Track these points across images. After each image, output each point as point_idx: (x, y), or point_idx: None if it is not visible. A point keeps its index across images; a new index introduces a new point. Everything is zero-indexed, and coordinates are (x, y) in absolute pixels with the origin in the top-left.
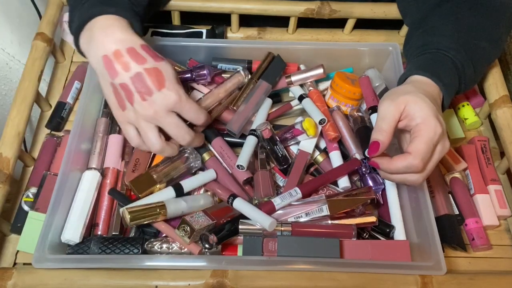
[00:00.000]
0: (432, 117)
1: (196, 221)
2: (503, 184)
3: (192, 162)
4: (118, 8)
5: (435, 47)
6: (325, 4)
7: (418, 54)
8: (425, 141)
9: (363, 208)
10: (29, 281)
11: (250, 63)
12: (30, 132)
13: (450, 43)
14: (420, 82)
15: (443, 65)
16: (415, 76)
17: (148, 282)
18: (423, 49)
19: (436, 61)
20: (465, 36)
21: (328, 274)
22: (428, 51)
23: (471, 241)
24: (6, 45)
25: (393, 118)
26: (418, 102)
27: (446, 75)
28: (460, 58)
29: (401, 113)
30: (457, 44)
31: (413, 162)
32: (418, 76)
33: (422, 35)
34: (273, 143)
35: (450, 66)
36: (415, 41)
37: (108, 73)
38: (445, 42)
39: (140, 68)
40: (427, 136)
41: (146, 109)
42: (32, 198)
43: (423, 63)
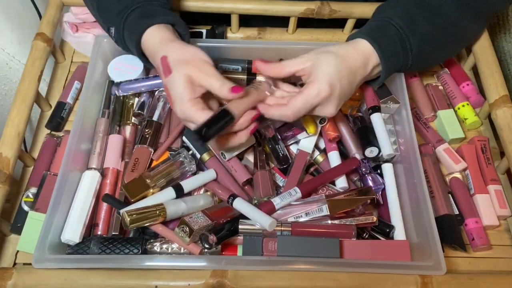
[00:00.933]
0: (325, 81)
1: (195, 222)
2: (503, 184)
3: (187, 166)
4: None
5: (384, 15)
6: (325, 4)
7: (370, 20)
8: (303, 99)
9: (363, 208)
10: (29, 281)
11: (250, 63)
12: (30, 132)
13: (398, 13)
14: (353, 45)
15: (384, 30)
16: (356, 39)
17: (148, 282)
18: (375, 17)
19: (378, 27)
20: (420, 11)
21: (328, 274)
22: (377, 18)
23: (471, 241)
24: (6, 45)
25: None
26: (322, 64)
27: (385, 40)
28: (403, 26)
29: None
30: (405, 14)
31: (285, 112)
32: (357, 39)
33: (385, 5)
34: (275, 142)
35: (392, 33)
36: (377, 9)
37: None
38: (395, 12)
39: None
40: (307, 95)
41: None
42: (32, 198)
43: (367, 27)
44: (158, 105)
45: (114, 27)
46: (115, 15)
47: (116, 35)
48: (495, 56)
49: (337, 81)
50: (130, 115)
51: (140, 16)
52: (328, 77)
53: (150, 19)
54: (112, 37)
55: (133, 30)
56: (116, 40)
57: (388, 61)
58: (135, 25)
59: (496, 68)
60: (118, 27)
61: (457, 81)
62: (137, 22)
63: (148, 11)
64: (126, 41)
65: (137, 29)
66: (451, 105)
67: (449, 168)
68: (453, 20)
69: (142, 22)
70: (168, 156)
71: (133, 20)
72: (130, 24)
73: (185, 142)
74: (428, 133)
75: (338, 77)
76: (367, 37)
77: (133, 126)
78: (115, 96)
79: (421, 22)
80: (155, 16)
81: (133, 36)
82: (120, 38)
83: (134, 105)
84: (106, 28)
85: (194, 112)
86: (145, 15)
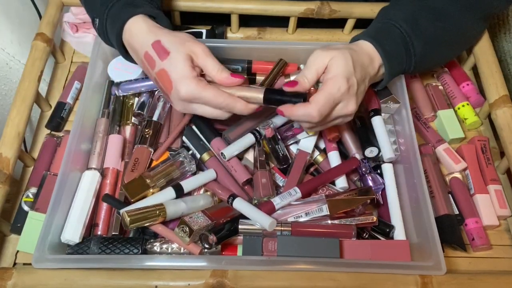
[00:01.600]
0: (342, 76)
1: (195, 222)
2: (503, 184)
3: (186, 166)
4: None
5: (389, 18)
6: (325, 4)
7: (374, 23)
8: (326, 95)
9: (363, 208)
10: (29, 281)
11: (250, 63)
12: (30, 132)
13: (403, 16)
14: (358, 46)
15: (388, 33)
16: (359, 41)
17: (148, 282)
18: (380, 19)
19: (382, 29)
20: (424, 14)
21: (328, 274)
22: (381, 21)
23: (471, 241)
24: (6, 45)
25: (317, 68)
26: (340, 60)
27: (389, 42)
28: (408, 29)
29: (324, 65)
30: (409, 17)
31: (311, 112)
32: (361, 41)
33: (390, 7)
34: (275, 142)
35: (396, 36)
36: (382, 11)
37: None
38: (399, 15)
39: (153, 73)
40: (329, 91)
41: (174, 104)
42: (32, 198)
43: (371, 29)
44: (158, 105)
45: (98, 18)
46: (99, 4)
47: (99, 26)
48: (495, 56)
49: (353, 76)
50: (130, 115)
51: (125, 5)
52: (346, 72)
53: (135, 8)
54: (96, 28)
55: (117, 19)
56: (99, 31)
57: (391, 64)
58: (119, 14)
59: (496, 68)
60: (102, 17)
61: (457, 81)
62: (122, 10)
63: (133, 1)
64: (108, 32)
65: (121, 17)
66: (451, 105)
67: (449, 168)
68: (457, 22)
69: (127, 10)
70: (168, 156)
71: (118, 10)
72: (114, 14)
73: (185, 142)
74: (428, 133)
75: (354, 73)
76: (370, 39)
77: (133, 126)
78: (115, 96)
79: (425, 25)
80: (140, 7)
81: (115, 25)
82: (103, 29)
83: (134, 105)
84: (91, 20)
85: (202, 89)
86: (130, 4)
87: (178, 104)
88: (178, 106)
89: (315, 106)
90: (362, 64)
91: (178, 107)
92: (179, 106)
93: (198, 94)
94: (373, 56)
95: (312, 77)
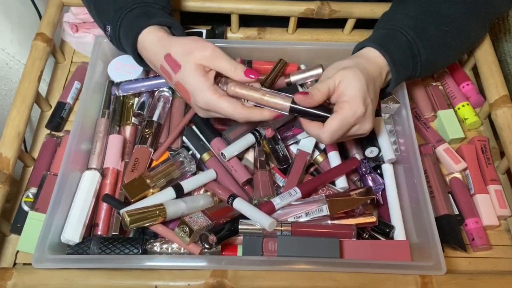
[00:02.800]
0: (358, 98)
1: (195, 222)
2: (503, 184)
3: (187, 166)
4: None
5: (394, 24)
6: (325, 4)
7: (379, 28)
8: (341, 119)
9: (363, 208)
10: (29, 281)
11: (250, 64)
12: (30, 132)
13: (409, 22)
14: (365, 56)
15: (394, 40)
16: (365, 49)
17: (148, 282)
18: (385, 24)
19: (389, 36)
20: (429, 19)
21: (328, 274)
22: (386, 27)
23: (471, 241)
24: (6, 45)
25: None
26: (352, 81)
27: (396, 50)
28: (414, 37)
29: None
30: (415, 24)
31: (321, 135)
32: (367, 48)
33: (393, 12)
34: (275, 142)
35: (403, 43)
36: (385, 15)
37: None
38: (405, 21)
39: (172, 84)
40: (344, 116)
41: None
42: (32, 198)
43: (377, 36)
44: (158, 105)
45: (110, 25)
46: (113, 12)
47: (111, 33)
48: (495, 56)
49: (367, 97)
50: (130, 115)
51: (138, 16)
52: (361, 94)
53: (147, 19)
54: (108, 35)
55: (130, 29)
56: (111, 38)
57: (399, 72)
58: (132, 24)
59: (496, 68)
60: (115, 25)
61: (457, 81)
62: (135, 21)
63: (146, 11)
64: (121, 40)
65: (134, 29)
66: (451, 105)
67: (449, 168)
68: (461, 27)
69: (139, 21)
70: (168, 156)
71: (130, 19)
72: (127, 23)
73: (185, 142)
74: (428, 133)
75: (368, 92)
76: (377, 46)
77: (133, 126)
78: (115, 96)
79: (430, 31)
80: (153, 17)
81: (129, 35)
82: (116, 37)
83: (134, 105)
84: (102, 26)
85: (216, 101)
86: (143, 15)
87: (199, 111)
88: (200, 113)
89: (327, 131)
90: (374, 79)
91: (200, 114)
92: (201, 113)
93: (214, 105)
94: (382, 66)
95: (325, 91)
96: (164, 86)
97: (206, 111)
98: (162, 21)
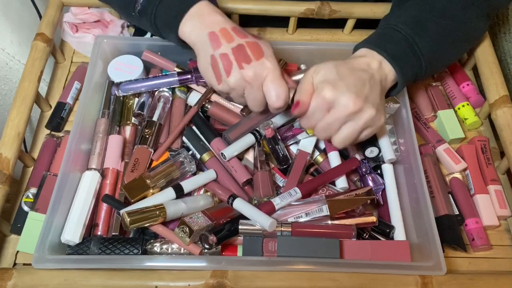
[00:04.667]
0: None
1: (195, 222)
2: (503, 184)
3: (187, 166)
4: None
5: (387, 23)
6: (325, 4)
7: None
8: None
9: (363, 208)
10: (29, 282)
11: None
12: (30, 132)
13: (404, 19)
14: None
15: (389, 37)
16: (358, 50)
17: (148, 283)
18: (381, 25)
19: (383, 34)
20: (426, 15)
21: (328, 274)
22: (382, 26)
23: (471, 241)
24: (6, 45)
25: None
26: (319, 69)
27: (392, 46)
28: (409, 31)
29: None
30: (410, 20)
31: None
32: (362, 49)
33: (390, 14)
34: (275, 142)
35: (398, 39)
36: (383, 18)
37: (211, 44)
38: (399, 19)
39: (242, 41)
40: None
41: (244, 74)
42: (32, 198)
43: (372, 37)
44: (158, 105)
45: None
46: None
47: (144, 7)
48: (495, 56)
49: (339, 81)
50: (130, 115)
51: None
52: (327, 78)
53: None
54: (138, 4)
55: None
56: (144, 7)
57: (401, 67)
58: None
59: (496, 68)
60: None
61: (457, 81)
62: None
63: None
64: (159, 9)
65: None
66: (451, 105)
67: (449, 168)
68: (460, 19)
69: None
70: (168, 157)
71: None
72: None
73: (185, 142)
74: (428, 133)
75: (340, 78)
76: (371, 46)
77: (133, 126)
78: (115, 96)
79: (427, 25)
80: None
81: (181, 3)
82: (154, 5)
83: (134, 105)
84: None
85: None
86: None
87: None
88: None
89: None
90: (352, 68)
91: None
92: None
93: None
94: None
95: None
96: (164, 86)
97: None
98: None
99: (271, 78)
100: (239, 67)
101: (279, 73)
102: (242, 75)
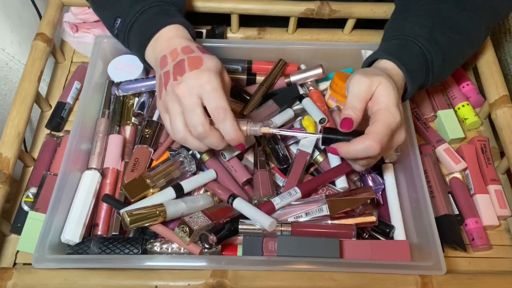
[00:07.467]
0: (395, 106)
1: (195, 222)
2: (503, 184)
3: (186, 166)
4: (174, 18)
5: (406, 33)
6: (325, 4)
7: (390, 38)
8: (385, 125)
9: (363, 208)
10: (29, 281)
11: (250, 64)
12: (30, 132)
13: (421, 32)
14: (383, 68)
15: (409, 51)
16: (380, 61)
17: (148, 282)
18: (395, 34)
19: (403, 46)
20: (439, 28)
21: (328, 274)
22: (398, 36)
23: (471, 241)
24: (6, 45)
25: (365, 96)
26: (388, 88)
27: (411, 61)
28: (429, 47)
29: (372, 93)
30: (428, 34)
31: (372, 143)
32: (382, 60)
33: (401, 20)
34: (275, 142)
35: (417, 54)
36: (393, 24)
37: (160, 65)
38: (416, 31)
39: (185, 56)
40: (387, 121)
41: (174, 87)
42: (32, 198)
43: (390, 47)
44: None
45: (121, 18)
46: (128, 6)
47: (120, 26)
48: (495, 56)
49: (400, 104)
50: (130, 115)
51: (159, 14)
52: (396, 101)
53: (169, 18)
54: (114, 28)
55: (148, 25)
56: (119, 32)
57: (414, 82)
58: (151, 21)
59: (496, 68)
60: (130, 19)
61: (457, 81)
62: (155, 18)
63: (167, 11)
64: (130, 35)
65: (155, 25)
66: (451, 105)
67: (449, 168)
68: (470, 33)
69: (161, 18)
70: (168, 156)
71: (149, 17)
72: (145, 20)
73: None
74: (428, 133)
75: (398, 100)
76: (393, 58)
77: (133, 126)
78: (115, 96)
79: (442, 40)
80: (174, 17)
81: (147, 30)
82: (125, 31)
83: (134, 105)
84: (112, 18)
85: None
86: (164, 14)
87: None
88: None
89: (375, 137)
90: (399, 90)
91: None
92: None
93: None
94: (400, 77)
95: (362, 107)
96: None
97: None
98: (182, 21)
99: (208, 90)
100: (174, 79)
101: (218, 86)
102: (173, 88)
